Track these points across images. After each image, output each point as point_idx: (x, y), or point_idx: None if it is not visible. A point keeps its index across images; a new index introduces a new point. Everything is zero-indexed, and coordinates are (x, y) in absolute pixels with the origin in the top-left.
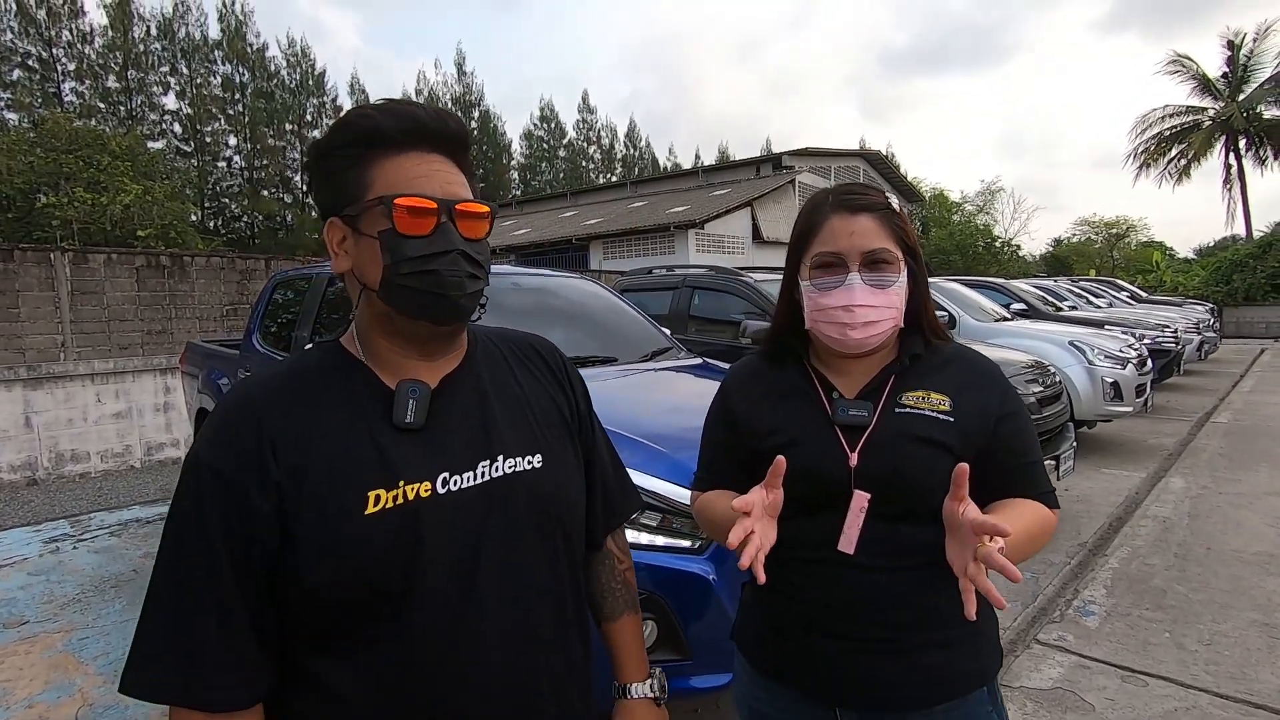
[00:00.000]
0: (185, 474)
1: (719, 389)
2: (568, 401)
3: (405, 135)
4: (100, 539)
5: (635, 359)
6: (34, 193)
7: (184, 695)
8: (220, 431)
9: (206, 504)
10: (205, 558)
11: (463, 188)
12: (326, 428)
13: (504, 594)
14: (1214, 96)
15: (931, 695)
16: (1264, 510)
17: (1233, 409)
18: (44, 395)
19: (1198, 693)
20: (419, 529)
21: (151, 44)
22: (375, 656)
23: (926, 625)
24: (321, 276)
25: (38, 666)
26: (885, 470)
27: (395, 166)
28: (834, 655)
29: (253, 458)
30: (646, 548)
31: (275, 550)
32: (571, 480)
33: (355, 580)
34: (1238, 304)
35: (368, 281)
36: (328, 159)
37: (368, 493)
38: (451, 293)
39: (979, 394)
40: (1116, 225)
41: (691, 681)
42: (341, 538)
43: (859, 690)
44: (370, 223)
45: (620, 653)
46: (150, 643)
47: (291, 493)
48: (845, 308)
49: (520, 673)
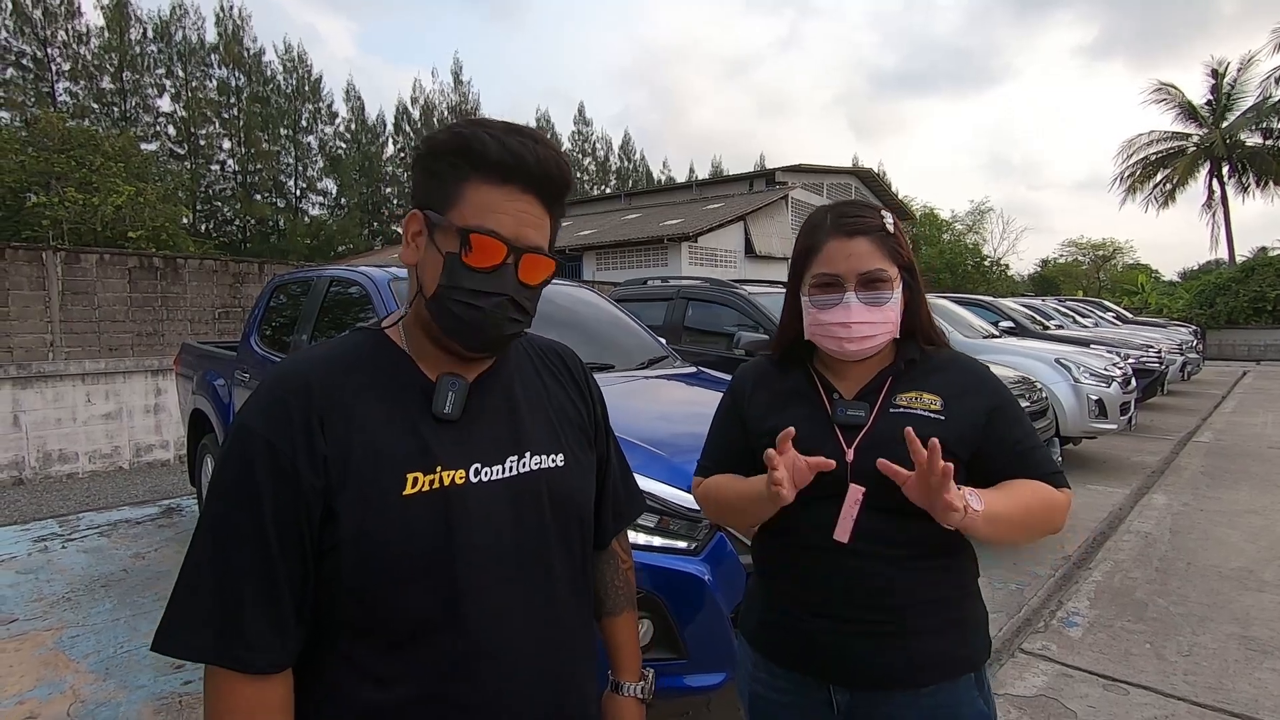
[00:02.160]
0: (235, 442)
1: (729, 387)
2: (587, 408)
3: (507, 170)
4: (90, 539)
5: (631, 366)
6: (24, 192)
7: (222, 655)
8: (273, 404)
9: (257, 472)
10: (252, 524)
11: (540, 234)
12: (371, 411)
13: (530, 581)
14: (1198, 123)
15: (920, 678)
16: (1243, 527)
17: (1214, 429)
18: (33, 394)
19: (1176, 701)
20: (451, 513)
21: (148, 46)
22: (407, 636)
23: (917, 612)
24: (322, 279)
25: (28, 664)
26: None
27: (487, 194)
28: (829, 637)
29: (303, 431)
30: (644, 548)
31: (318, 521)
32: (587, 482)
33: (390, 556)
34: (1220, 326)
35: (424, 286)
36: (435, 158)
37: (406, 475)
38: (490, 332)
39: (969, 394)
40: (1103, 247)
41: (686, 681)
42: (380, 515)
43: (852, 670)
44: (444, 239)
45: (619, 650)
46: (189, 603)
47: (337, 468)
48: (842, 324)
49: (547, 655)
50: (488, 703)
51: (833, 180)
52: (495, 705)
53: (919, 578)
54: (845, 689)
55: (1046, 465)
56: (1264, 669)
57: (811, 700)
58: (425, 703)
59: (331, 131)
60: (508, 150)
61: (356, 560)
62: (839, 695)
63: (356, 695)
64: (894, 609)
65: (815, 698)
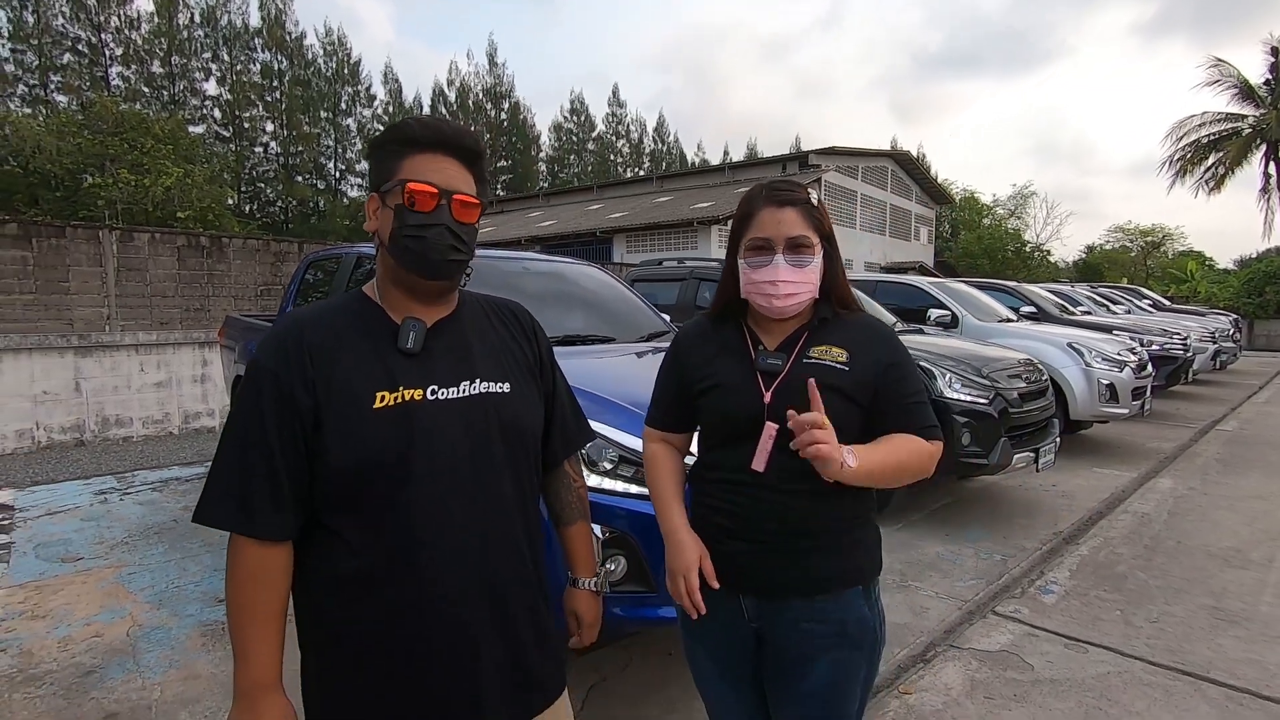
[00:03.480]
0: (249, 374)
1: (671, 343)
2: (533, 350)
3: (430, 142)
4: (144, 493)
5: (632, 339)
6: (80, 173)
7: (238, 525)
8: (276, 345)
9: (264, 395)
10: (262, 432)
11: (465, 184)
12: (349, 347)
13: (475, 482)
14: (1255, 104)
15: (812, 588)
16: (1243, 511)
17: (1241, 418)
18: (92, 363)
19: (1133, 660)
20: (411, 422)
21: (195, 31)
22: (378, 519)
23: (816, 536)
24: (350, 256)
25: (93, 594)
26: (789, 407)
27: (419, 162)
28: (744, 557)
29: (297, 364)
30: (622, 494)
31: (311, 430)
32: (532, 410)
33: (365, 457)
34: (1270, 316)
35: (384, 239)
36: (380, 147)
37: (375, 393)
38: (434, 256)
39: (872, 348)
40: (1152, 234)
41: (659, 612)
42: (355, 423)
43: (759, 583)
44: (393, 198)
45: (575, 554)
46: (217, 488)
47: (324, 390)
48: (771, 282)
49: (486, 543)
50: (425, 585)
51: (867, 163)
52: (431, 591)
53: (820, 507)
54: (753, 598)
55: (925, 419)
56: (1227, 636)
57: (726, 608)
58: (387, 570)
59: (370, 114)
60: (427, 128)
61: (339, 456)
62: (747, 603)
63: (337, 561)
64: (797, 533)
65: (730, 605)
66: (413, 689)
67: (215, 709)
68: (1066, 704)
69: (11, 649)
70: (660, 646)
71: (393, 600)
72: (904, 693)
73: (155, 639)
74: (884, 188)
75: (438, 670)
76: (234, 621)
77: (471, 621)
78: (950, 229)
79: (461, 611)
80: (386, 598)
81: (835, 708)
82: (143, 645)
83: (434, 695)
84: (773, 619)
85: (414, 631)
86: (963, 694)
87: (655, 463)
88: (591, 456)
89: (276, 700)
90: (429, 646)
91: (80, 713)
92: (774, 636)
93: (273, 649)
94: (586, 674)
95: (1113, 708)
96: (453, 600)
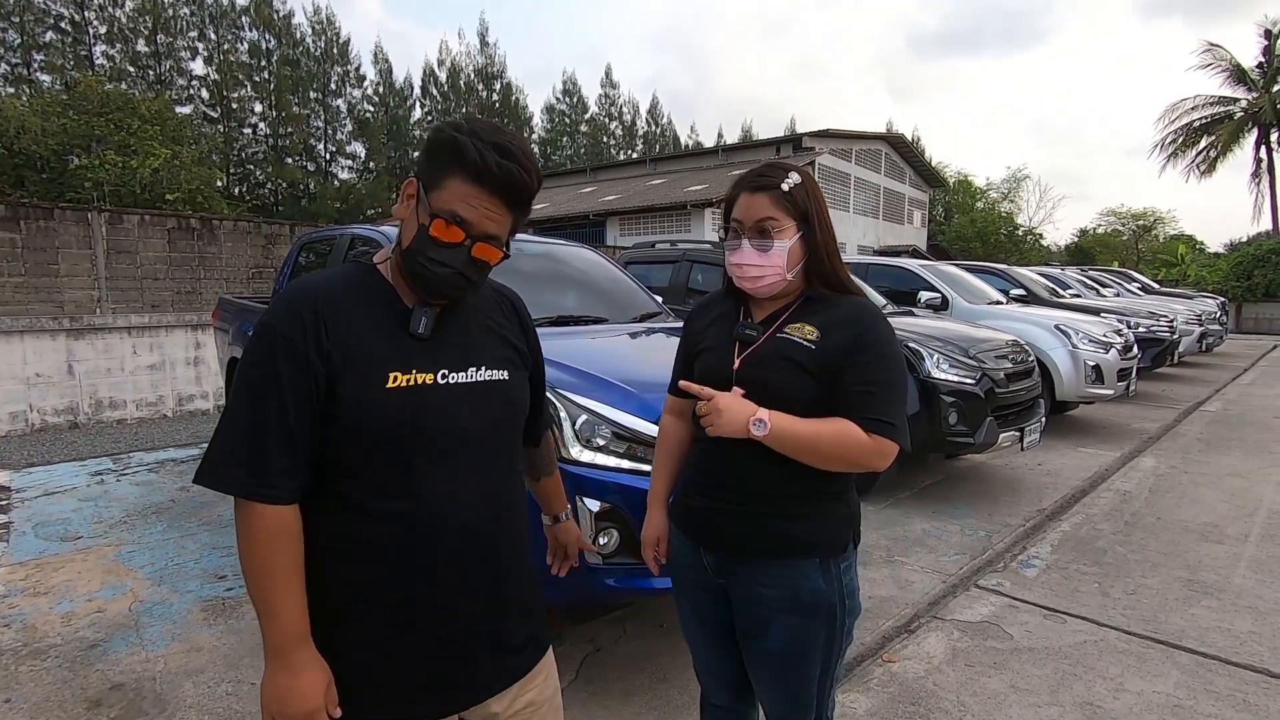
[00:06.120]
0: (261, 337)
1: (687, 317)
2: (524, 339)
3: (482, 176)
4: (140, 474)
5: (624, 320)
6: (66, 154)
7: (251, 490)
8: (290, 309)
9: (279, 358)
10: (276, 394)
11: (499, 228)
12: (363, 325)
13: (479, 460)
14: (1247, 87)
15: (767, 550)
16: (1223, 488)
17: (1225, 399)
18: (85, 345)
19: (1108, 629)
20: (422, 404)
21: (180, 8)
22: (382, 487)
23: (767, 497)
24: (344, 238)
25: (94, 571)
26: (754, 374)
27: (463, 188)
28: (702, 512)
29: (312, 329)
30: (614, 469)
31: (323, 397)
32: (523, 395)
33: (378, 430)
34: (1258, 299)
35: (403, 239)
36: (438, 145)
37: (388, 372)
38: (438, 289)
39: (844, 330)
40: (1144, 217)
41: (653, 583)
42: (369, 398)
43: (717, 540)
44: (424, 212)
45: (554, 497)
46: (225, 449)
47: (338, 359)
48: (738, 264)
49: (488, 517)
50: (437, 552)
51: (861, 145)
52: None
53: (778, 473)
54: (713, 555)
55: (871, 410)
56: (1200, 606)
57: (695, 560)
58: (395, 535)
59: (360, 95)
60: (485, 162)
61: (351, 425)
62: (708, 558)
63: (349, 524)
64: (757, 495)
65: (697, 558)
66: (421, 646)
67: (219, 679)
68: (1043, 670)
69: (16, 624)
70: (653, 619)
71: (404, 565)
72: (887, 661)
73: (157, 613)
74: (878, 171)
75: (447, 628)
76: (257, 583)
77: (478, 588)
78: (944, 212)
79: (466, 579)
80: (399, 562)
81: (798, 670)
82: (145, 620)
83: (443, 652)
84: (732, 577)
85: (425, 593)
86: (944, 662)
87: (660, 436)
88: (585, 433)
89: (310, 650)
90: (439, 608)
91: (86, 684)
92: (736, 595)
93: (300, 602)
94: (581, 645)
95: (1087, 673)
96: (453, 566)
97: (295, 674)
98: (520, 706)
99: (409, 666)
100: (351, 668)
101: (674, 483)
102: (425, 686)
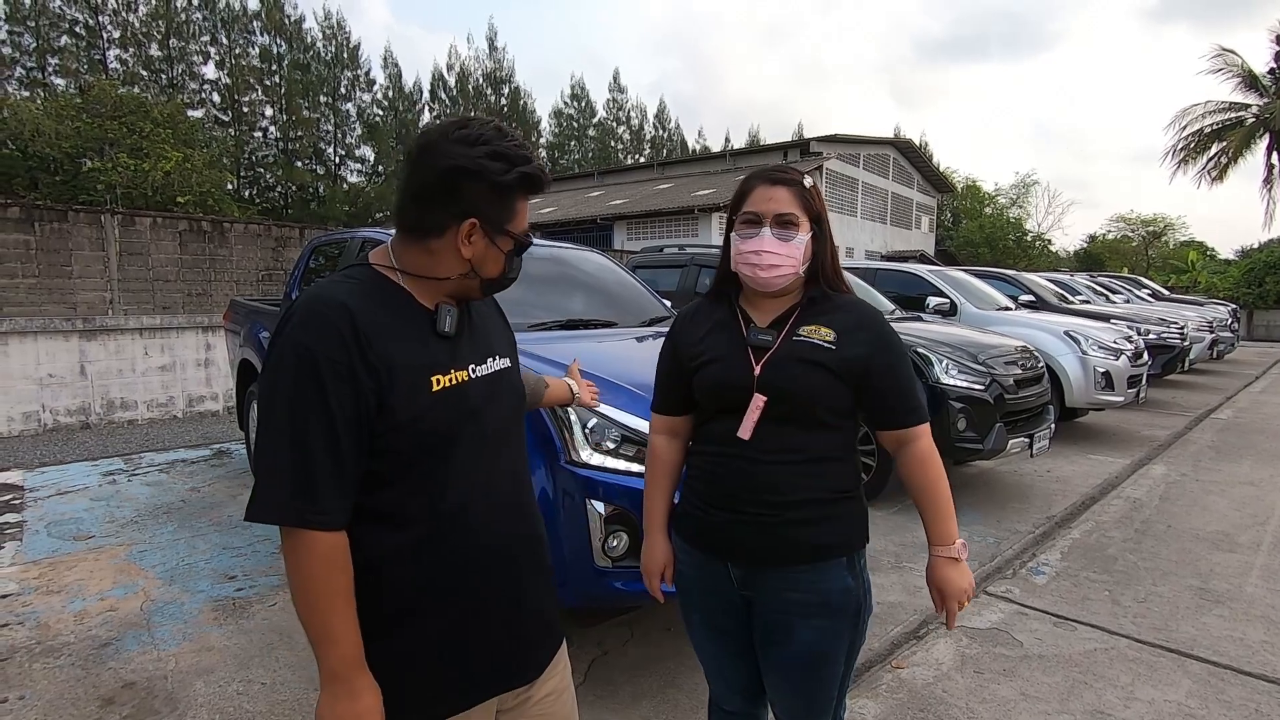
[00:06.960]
0: (297, 358)
1: (670, 327)
2: (507, 324)
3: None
4: (151, 474)
5: (633, 324)
6: (80, 157)
7: (308, 520)
8: (323, 326)
9: (327, 382)
10: (322, 416)
11: None
12: (396, 332)
13: (502, 447)
14: (1259, 93)
15: (795, 558)
16: (1234, 496)
17: (1236, 407)
18: (97, 346)
19: (1119, 638)
20: (467, 400)
21: (193, 13)
22: (425, 488)
23: (795, 505)
24: (355, 240)
25: (106, 570)
26: (777, 380)
27: (524, 206)
28: (726, 524)
29: (354, 344)
30: (624, 473)
31: (373, 413)
32: (521, 381)
33: (428, 433)
34: (1269, 306)
35: (484, 272)
36: (513, 188)
37: (431, 377)
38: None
39: (859, 332)
40: (1154, 223)
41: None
42: (421, 406)
43: (741, 551)
44: (504, 242)
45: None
46: (274, 481)
47: (385, 375)
48: (756, 252)
49: (514, 502)
50: (480, 543)
51: (869, 150)
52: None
53: (801, 480)
54: (740, 567)
55: (914, 399)
56: (1211, 615)
57: (714, 572)
58: (438, 536)
59: (369, 99)
60: (538, 174)
61: (405, 435)
62: (735, 571)
63: (383, 536)
64: (778, 504)
65: (717, 570)
66: (485, 634)
67: (229, 679)
68: (1053, 678)
69: (29, 622)
70: (660, 622)
71: (450, 559)
72: (896, 667)
73: (168, 613)
74: (885, 176)
75: (496, 618)
76: (314, 608)
77: (520, 573)
78: (952, 217)
79: (509, 565)
80: (444, 556)
81: (820, 674)
82: (156, 619)
83: (493, 641)
84: (759, 587)
85: (475, 584)
86: (953, 668)
87: (652, 458)
88: (595, 437)
89: (368, 674)
90: (486, 597)
91: (98, 682)
92: (761, 604)
93: (356, 627)
94: (589, 648)
95: (1097, 681)
96: (499, 554)
97: (356, 698)
98: (543, 694)
99: (462, 661)
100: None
101: (671, 505)
102: (476, 677)
